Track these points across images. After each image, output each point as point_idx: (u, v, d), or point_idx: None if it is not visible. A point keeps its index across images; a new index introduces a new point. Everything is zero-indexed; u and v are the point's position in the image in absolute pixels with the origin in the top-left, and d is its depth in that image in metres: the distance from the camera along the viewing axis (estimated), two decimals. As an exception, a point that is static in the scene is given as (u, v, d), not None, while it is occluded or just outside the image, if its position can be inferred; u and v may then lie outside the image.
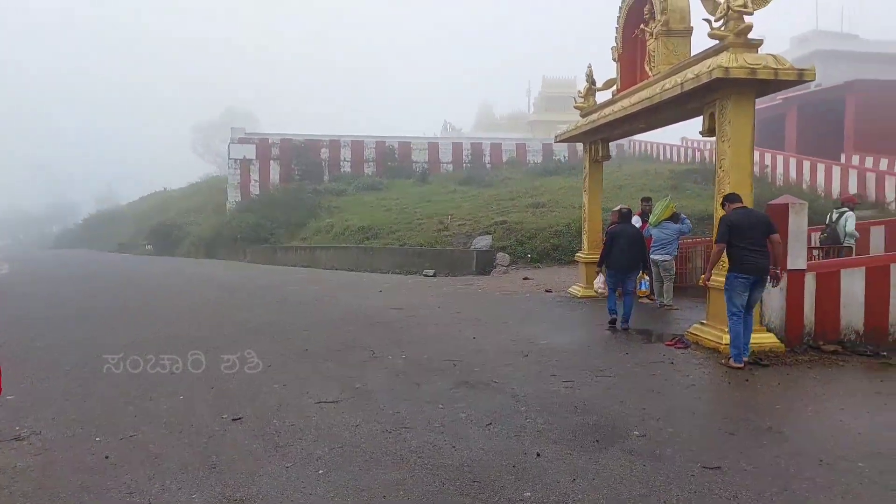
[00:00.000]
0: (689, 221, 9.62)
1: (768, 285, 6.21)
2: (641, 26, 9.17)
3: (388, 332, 8.07)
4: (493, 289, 12.14)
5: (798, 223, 6.75)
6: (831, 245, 9.70)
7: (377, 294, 11.82)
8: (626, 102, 8.96)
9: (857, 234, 9.95)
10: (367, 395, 5.34)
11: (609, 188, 21.19)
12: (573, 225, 15.92)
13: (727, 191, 6.79)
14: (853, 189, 17.48)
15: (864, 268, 6.97)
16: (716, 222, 7.03)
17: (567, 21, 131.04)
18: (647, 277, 9.22)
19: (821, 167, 19.34)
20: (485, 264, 15.02)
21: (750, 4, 6.63)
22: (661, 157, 29.66)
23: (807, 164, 19.81)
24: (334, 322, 8.87)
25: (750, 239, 5.98)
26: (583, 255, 11.19)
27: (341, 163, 30.97)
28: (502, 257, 15.37)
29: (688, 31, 8.35)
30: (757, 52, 6.64)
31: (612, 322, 8.04)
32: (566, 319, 9.03)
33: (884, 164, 19.55)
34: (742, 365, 5.93)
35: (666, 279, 9.40)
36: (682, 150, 28.99)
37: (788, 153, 20.43)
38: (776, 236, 6.07)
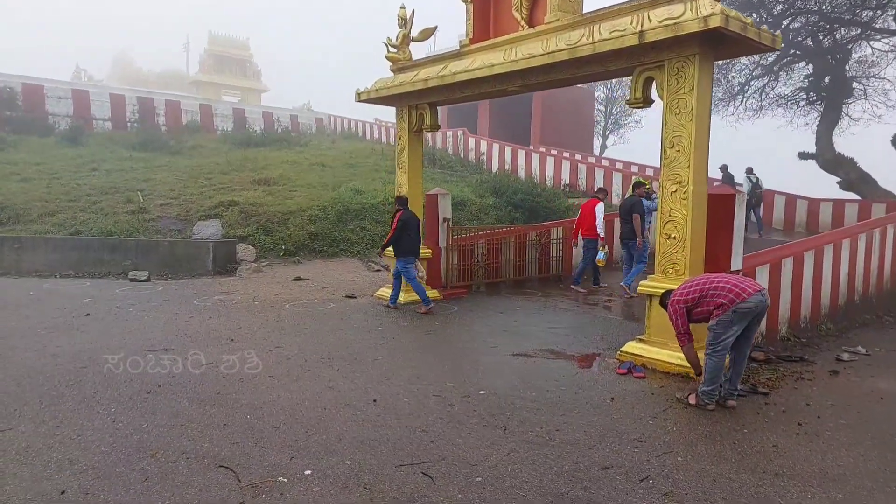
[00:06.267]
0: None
1: None
2: (510, -38, 7.25)
3: (203, 407, 4.39)
4: (272, 298, 8.74)
5: (741, 217, 5.89)
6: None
7: (91, 321, 7.15)
8: (500, 56, 6.93)
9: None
10: None
11: (341, 165, 18.91)
12: (330, 209, 13.20)
13: (682, 175, 5.52)
14: (549, 172, 19.19)
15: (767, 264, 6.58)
16: (660, 205, 5.71)
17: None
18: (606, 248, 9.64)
19: (521, 153, 20.71)
20: (226, 261, 11.16)
21: (713, -54, 5.38)
22: (367, 136, 28.48)
23: (509, 151, 20.97)
24: (60, 394, 4.59)
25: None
26: (397, 250, 8.80)
27: (-81, 107, 20.77)
28: (246, 250, 11.69)
29: (580, -24, 6.78)
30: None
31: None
32: (443, 343, 6.64)
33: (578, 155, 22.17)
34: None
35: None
36: (381, 129, 28.32)
37: (504, 142, 21.39)
38: None
